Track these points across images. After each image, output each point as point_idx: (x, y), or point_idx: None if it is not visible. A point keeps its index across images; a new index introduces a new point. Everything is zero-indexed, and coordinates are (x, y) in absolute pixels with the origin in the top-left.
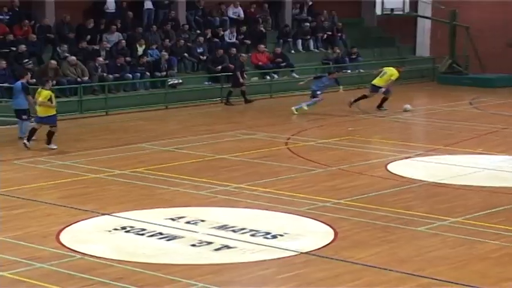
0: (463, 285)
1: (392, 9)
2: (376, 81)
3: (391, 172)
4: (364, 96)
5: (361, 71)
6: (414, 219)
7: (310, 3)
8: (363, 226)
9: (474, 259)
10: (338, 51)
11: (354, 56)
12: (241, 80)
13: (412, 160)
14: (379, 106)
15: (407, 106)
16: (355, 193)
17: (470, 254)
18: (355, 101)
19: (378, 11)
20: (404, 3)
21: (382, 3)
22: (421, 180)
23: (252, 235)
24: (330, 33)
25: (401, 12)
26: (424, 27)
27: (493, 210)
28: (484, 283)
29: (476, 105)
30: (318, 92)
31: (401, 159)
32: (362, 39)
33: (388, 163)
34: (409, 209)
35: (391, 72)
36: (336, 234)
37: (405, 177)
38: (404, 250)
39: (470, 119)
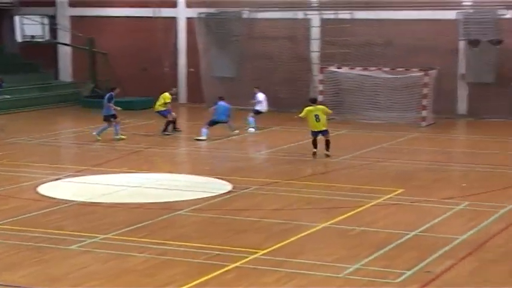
0: None
1: (33, 36)
2: (157, 107)
3: (41, 194)
4: (169, 122)
5: (7, 96)
6: (66, 238)
7: None
8: (15, 248)
9: (124, 272)
10: None
11: None
12: None
13: (62, 181)
14: (164, 130)
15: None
16: (4, 217)
17: (120, 268)
18: (165, 130)
19: (19, 38)
20: (44, 30)
21: (22, 30)
22: (71, 200)
23: None
24: None
25: (41, 40)
26: (65, 53)
27: (138, 225)
28: None
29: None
30: None
31: (51, 181)
32: (5, 65)
33: (38, 185)
34: (61, 228)
35: (164, 96)
36: None
37: (56, 199)
38: (58, 269)
39: (116, 140)
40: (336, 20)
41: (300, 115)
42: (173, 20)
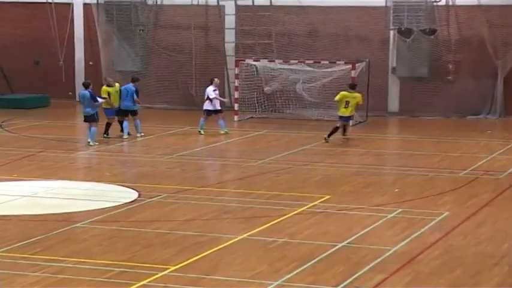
0: None
1: None
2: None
3: None
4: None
5: None
6: None
7: None
8: None
9: None
10: None
11: None
12: None
13: None
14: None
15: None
16: None
17: None
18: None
19: None
20: None
21: None
22: None
23: None
24: None
25: None
26: None
27: (31, 240)
28: None
29: (8, 128)
30: None
31: None
32: None
33: None
34: None
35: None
36: None
37: None
38: None
39: (4, 143)
40: (253, 7)
41: (335, 98)
42: (68, 6)
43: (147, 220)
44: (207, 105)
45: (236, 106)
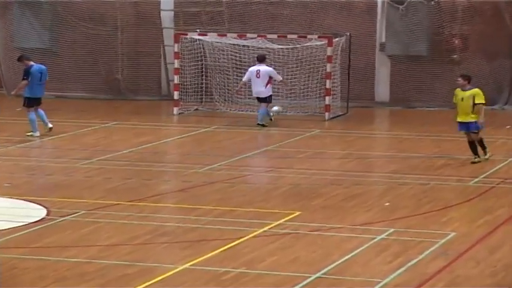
0: None
1: None
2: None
3: None
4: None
5: None
6: None
7: None
8: None
9: None
10: None
11: None
12: None
13: None
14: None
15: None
16: None
17: None
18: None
19: None
20: None
21: None
22: None
23: None
24: None
25: None
26: None
27: None
28: None
29: None
30: None
31: None
32: None
33: None
34: None
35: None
36: None
37: None
38: None
39: None
40: None
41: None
42: None
43: (58, 245)
44: (265, 91)
45: (176, 95)
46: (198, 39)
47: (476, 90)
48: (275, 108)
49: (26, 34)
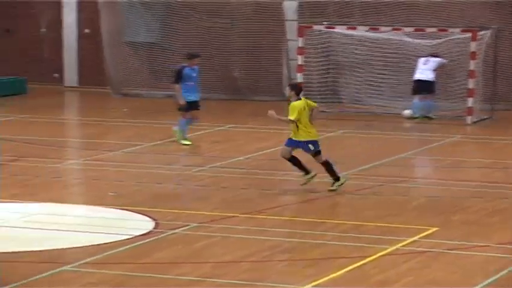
0: None
1: None
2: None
3: None
4: None
5: None
6: None
7: None
8: None
9: None
10: None
11: None
12: None
13: None
14: None
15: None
16: None
17: None
18: None
19: None
20: None
21: None
22: None
23: None
24: None
25: None
26: None
27: None
28: None
29: None
30: None
31: None
32: None
33: None
34: None
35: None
36: None
37: None
38: None
39: None
40: None
41: None
42: None
43: (168, 262)
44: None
45: None
46: (325, 32)
47: None
48: (406, 111)
49: (137, 27)
